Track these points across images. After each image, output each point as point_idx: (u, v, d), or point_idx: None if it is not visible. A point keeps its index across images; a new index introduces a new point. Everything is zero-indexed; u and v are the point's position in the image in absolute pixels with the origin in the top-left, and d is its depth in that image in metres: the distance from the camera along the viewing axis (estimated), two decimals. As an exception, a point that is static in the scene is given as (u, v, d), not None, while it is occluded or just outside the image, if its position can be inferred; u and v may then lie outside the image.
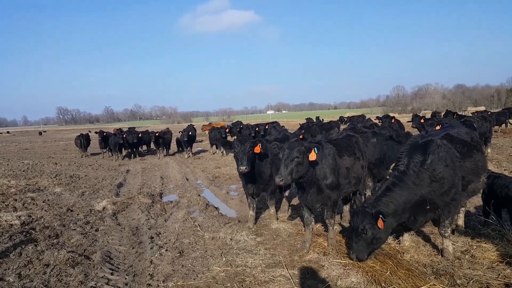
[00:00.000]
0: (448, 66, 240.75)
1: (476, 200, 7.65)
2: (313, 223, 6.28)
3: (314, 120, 31.82)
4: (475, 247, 5.55)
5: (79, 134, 24.29)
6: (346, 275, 4.98)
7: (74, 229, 7.61)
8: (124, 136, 21.20)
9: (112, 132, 23.64)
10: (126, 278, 5.31)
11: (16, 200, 10.39)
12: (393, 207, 4.90)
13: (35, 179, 14.06)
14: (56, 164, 19.42)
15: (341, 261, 5.43)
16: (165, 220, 8.33)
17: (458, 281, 4.59)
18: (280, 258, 5.80)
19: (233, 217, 8.57)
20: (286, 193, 9.15)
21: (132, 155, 22.02)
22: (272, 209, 7.85)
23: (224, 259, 5.83)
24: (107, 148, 22.40)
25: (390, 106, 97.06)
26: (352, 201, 7.45)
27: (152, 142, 22.13)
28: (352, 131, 8.33)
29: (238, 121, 33.81)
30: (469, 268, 4.96)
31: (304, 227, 6.30)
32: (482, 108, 48.35)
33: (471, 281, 4.55)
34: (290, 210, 8.62)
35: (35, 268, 5.59)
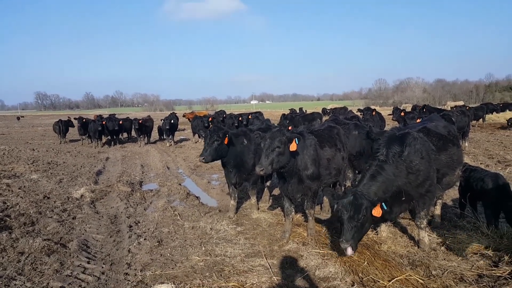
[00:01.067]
0: (430, 61, 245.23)
1: (453, 193, 7.84)
2: (293, 213, 6.30)
3: (298, 111, 31.93)
4: (450, 238, 5.67)
5: (57, 120, 23.61)
6: (324, 265, 5.03)
7: (51, 217, 7.42)
8: (104, 122, 20.75)
9: (93, 119, 23.09)
10: (103, 267, 5.21)
11: (-11, 186, 10.04)
12: (379, 196, 4.89)
13: (11, 165, 13.61)
14: (33, 150, 18.84)
15: (320, 251, 5.48)
16: (144, 209, 8.21)
17: (433, 272, 4.69)
18: (260, 247, 5.80)
19: (214, 207, 8.53)
20: (268, 183, 9.15)
21: (112, 142, 21.60)
22: (253, 199, 7.85)
23: (203, 248, 5.80)
24: (87, 135, 21.87)
25: (372, 99, 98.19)
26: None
27: (133, 130, 21.73)
28: (334, 122, 8.37)
29: (221, 110, 33.57)
30: (444, 259, 5.08)
31: (285, 217, 6.32)
32: (461, 103, 49.48)
33: (446, 272, 4.66)
34: (271, 200, 8.64)
35: (9, 256, 5.41)
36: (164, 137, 21.83)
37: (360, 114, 17.18)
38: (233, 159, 7.20)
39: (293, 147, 5.42)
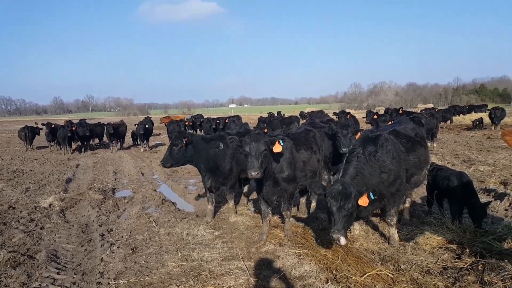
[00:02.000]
0: (402, 65, 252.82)
1: (422, 191, 8.14)
2: (270, 215, 6.36)
3: (276, 115, 32.19)
4: (418, 234, 5.90)
5: (23, 126, 22.72)
6: (300, 264, 5.11)
7: (17, 228, 7.15)
8: (74, 128, 20.15)
9: (62, 124, 22.39)
10: (74, 277, 5.08)
11: (-49, 197, 9.56)
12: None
13: (-27, 175, 13.02)
14: (-2, 158, 18.08)
15: (296, 251, 5.56)
16: (117, 217, 8.05)
17: (402, 266, 4.88)
18: (237, 250, 5.82)
19: (191, 212, 8.48)
20: (246, 188, 9.19)
21: (83, 148, 21.01)
22: (231, 203, 7.85)
23: (179, 254, 5.76)
24: (55, 141, 21.17)
25: (347, 102, 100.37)
26: (309, 193, 7.65)
27: (105, 135, 21.21)
28: (310, 125, 8.52)
29: (198, 114, 33.36)
30: (412, 254, 5.28)
31: (262, 219, 6.38)
32: (431, 105, 51.25)
33: (414, 266, 4.85)
34: (248, 204, 8.67)
35: (-29, 271, 5.18)
36: (138, 142, 21.47)
37: (336, 117, 17.48)
38: (204, 163, 7.20)
39: (277, 148, 5.51)
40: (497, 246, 5.15)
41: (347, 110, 23.36)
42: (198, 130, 25.86)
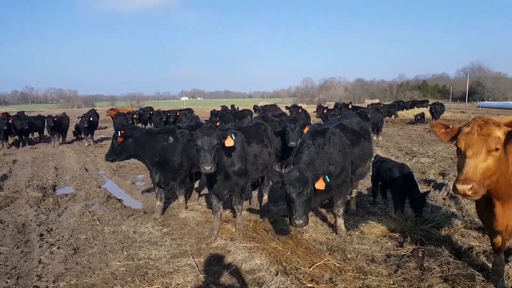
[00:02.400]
0: (351, 62, 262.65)
1: (368, 182, 8.49)
2: (221, 210, 6.29)
3: (230, 108, 32.00)
4: (364, 224, 6.16)
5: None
6: (251, 258, 5.11)
7: None
8: (11, 121, 18.58)
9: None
10: (7, 282, 4.68)
11: None
12: None
13: None
14: None
15: (247, 245, 5.54)
16: (58, 215, 7.54)
17: (349, 256, 5.06)
18: (187, 247, 5.69)
19: (138, 209, 8.16)
20: (197, 183, 9.02)
21: (21, 143, 19.43)
22: (181, 199, 7.65)
23: (125, 253, 5.52)
24: (-11, 136, 19.41)
25: (300, 97, 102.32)
26: (261, 187, 7.68)
27: (46, 129, 19.80)
28: (262, 119, 8.54)
29: (148, 106, 32.28)
30: (358, 243, 5.49)
31: (213, 214, 6.29)
32: (377, 101, 53.94)
33: (359, 255, 5.05)
34: (200, 199, 8.52)
35: None
36: (82, 136, 20.33)
37: (288, 111, 17.77)
38: (149, 157, 6.98)
39: (229, 142, 5.42)
40: (435, 233, 5.52)
41: (299, 105, 23.85)
42: (148, 123, 25.04)
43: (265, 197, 7.55)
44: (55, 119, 18.95)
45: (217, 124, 12.47)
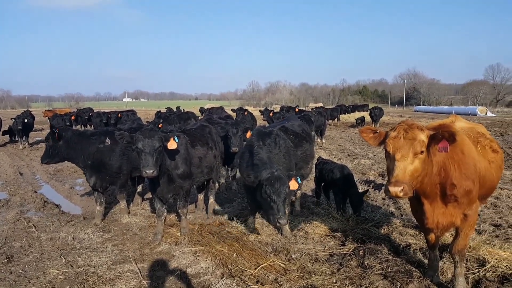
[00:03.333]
0: (296, 66, 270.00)
1: (312, 184, 8.82)
2: (165, 214, 6.18)
3: (175, 110, 31.35)
4: (308, 224, 6.38)
5: None
6: (196, 262, 5.09)
7: None
8: None
9: None
10: None
11: None
12: None
13: None
14: None
15: (192, 249, 5.50)
16: (-11, 223, 6.94)
17: (294, 256, 5.22)
18: (129, 253, 5.53)
19: (78, 214, 7.76)
20: (140, 187, 8.75)
21: None
22: (122, 203, 7.38)
23: (63, 260, 5.25)
24: None
25: (246, 100, 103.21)
26: (206, 190, 7.66)
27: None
28: (207, 121, 8.52)
29: (87, 107, 30.66)
30: (302, 243, 5.68)
31: (157, 218, 6.16)
32: (321, 105, 55.95)
33: (304, 255, 5.23)
34: (143, 203, 8.28)
35: None
36: (16, 138, 18.82)
37: (234, 114, 17.90)
38: (81, 160, 6.73)
39: (172, 145, 5.33)
40: (375, 232, 5.86)
41: (245, 107, 24.12)
42: (87, 125, 23.81)
43: (211, 200, 7.55)
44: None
45: (160, 126, 12.21)
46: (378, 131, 3.68)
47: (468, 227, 4.00)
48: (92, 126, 21.68)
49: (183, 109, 33.12)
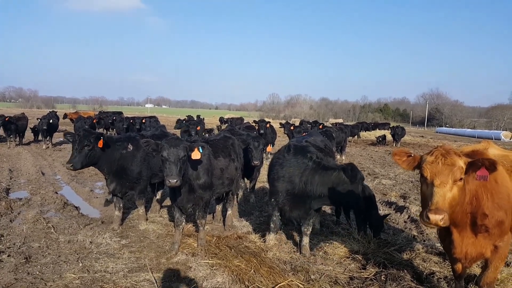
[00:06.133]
0: (317, 81, 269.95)
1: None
2: (183, 223, 6.13)
3: (195, 118, 31.71)
4: (327, 244, 6.20)
5: None
6: (213, 276, 4.99)
7: None
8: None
9: None
10: None
11: None
12: None
13: None
14: None
15: (209, 262, 5.41)
16: (10, 221, 7.06)
17: (312, 276, 5.04)
18: (146, 261, 5.48)
19: (96, 218, 7.79)
20: (159, 194, 8.77)
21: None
22: (141, 209, 7.39)
23: (80, 264, 5.24)
24: None
25: (265, 111, 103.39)
26: (225, 201, 7.59)
27: (1, 128, 18.63)
28: (230, 133, 8.50)
29: (115, 112, 31.31)
30: (322, 263, 5.51)
31: (175, 227, 6.11)
32: (341, 120, 55.57)
33: (323, 276, 5.05)
34: (161, 211, 8.28)
35: None
36: (41, 138, 19.31)
37: (256, 125, 17.88)
38: (107, 166, 6.67)
39: (196, 155, 5.30)
40: (397, 257, 5.61)
41: (266, 119, 24.10)
42: (110, 129, 24.32)
43: (229, 212, 7.46)
44: (7, 119, 17.84)
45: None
46: (412, 155, 3.55)
47: (498, 259, 3.82)
48: (115, 130, 22.07)
49: (203, 118, 33.48)
